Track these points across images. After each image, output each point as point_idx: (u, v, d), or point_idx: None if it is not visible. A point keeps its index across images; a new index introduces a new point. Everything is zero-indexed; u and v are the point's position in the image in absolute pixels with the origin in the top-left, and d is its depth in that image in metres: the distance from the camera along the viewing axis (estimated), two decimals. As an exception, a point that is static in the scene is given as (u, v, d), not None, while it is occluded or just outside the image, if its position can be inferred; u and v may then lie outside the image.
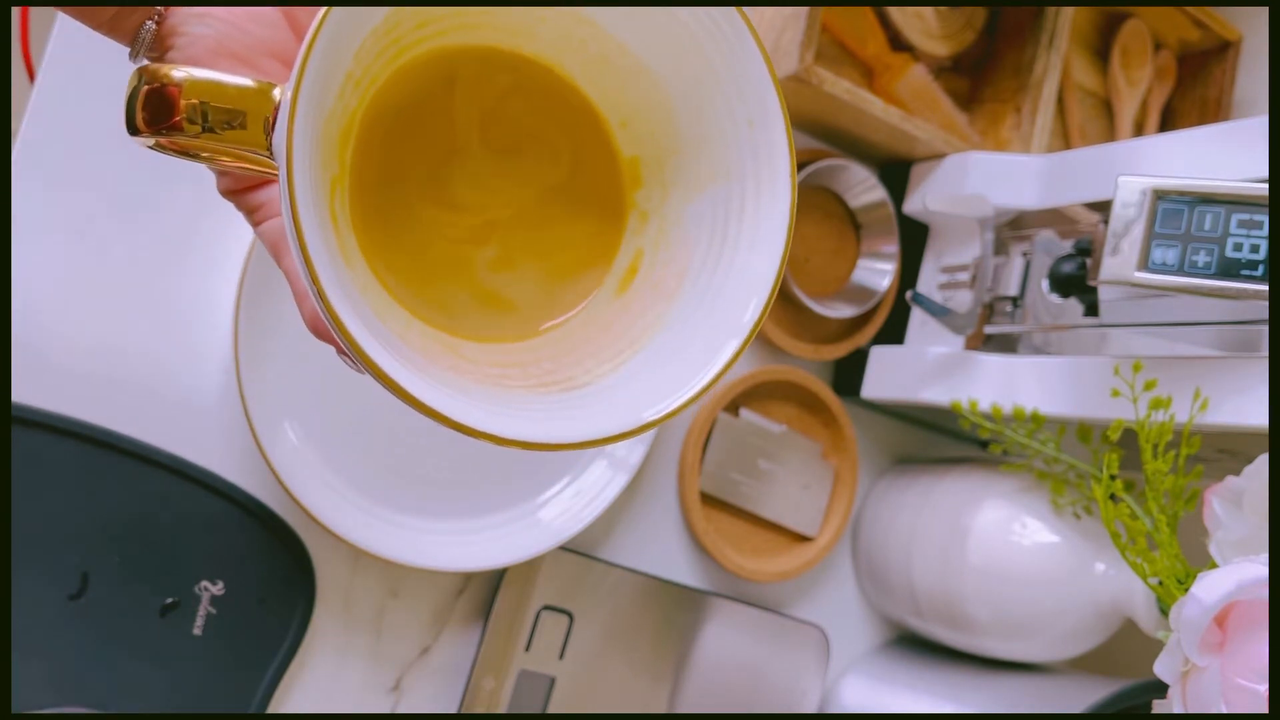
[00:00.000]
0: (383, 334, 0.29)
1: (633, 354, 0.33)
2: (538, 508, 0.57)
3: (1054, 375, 0.55)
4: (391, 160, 0.32)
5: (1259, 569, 0.38)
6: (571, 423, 0.30)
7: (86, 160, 0.50)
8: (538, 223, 0.34)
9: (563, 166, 0.34)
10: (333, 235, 0.30)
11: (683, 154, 0.33)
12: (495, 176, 0.33)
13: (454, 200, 0.33)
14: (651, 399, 0.30)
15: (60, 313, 0.49)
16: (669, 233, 0.34)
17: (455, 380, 0.30)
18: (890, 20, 0.65)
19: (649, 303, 0.34)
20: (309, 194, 0.26)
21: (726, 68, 0.31)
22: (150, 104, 0.27)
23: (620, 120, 0.34)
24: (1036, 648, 0.60)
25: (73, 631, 0.47)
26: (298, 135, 0.25)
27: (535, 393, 0.32)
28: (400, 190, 0.32)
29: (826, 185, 0.66)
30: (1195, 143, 0.52)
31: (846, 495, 0.66)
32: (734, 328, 0.31)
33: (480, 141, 0.33)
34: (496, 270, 0.34)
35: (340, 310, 0.26)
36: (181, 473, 0.50)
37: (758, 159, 0.32)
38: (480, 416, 0.28)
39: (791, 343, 0.65)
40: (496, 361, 0.33)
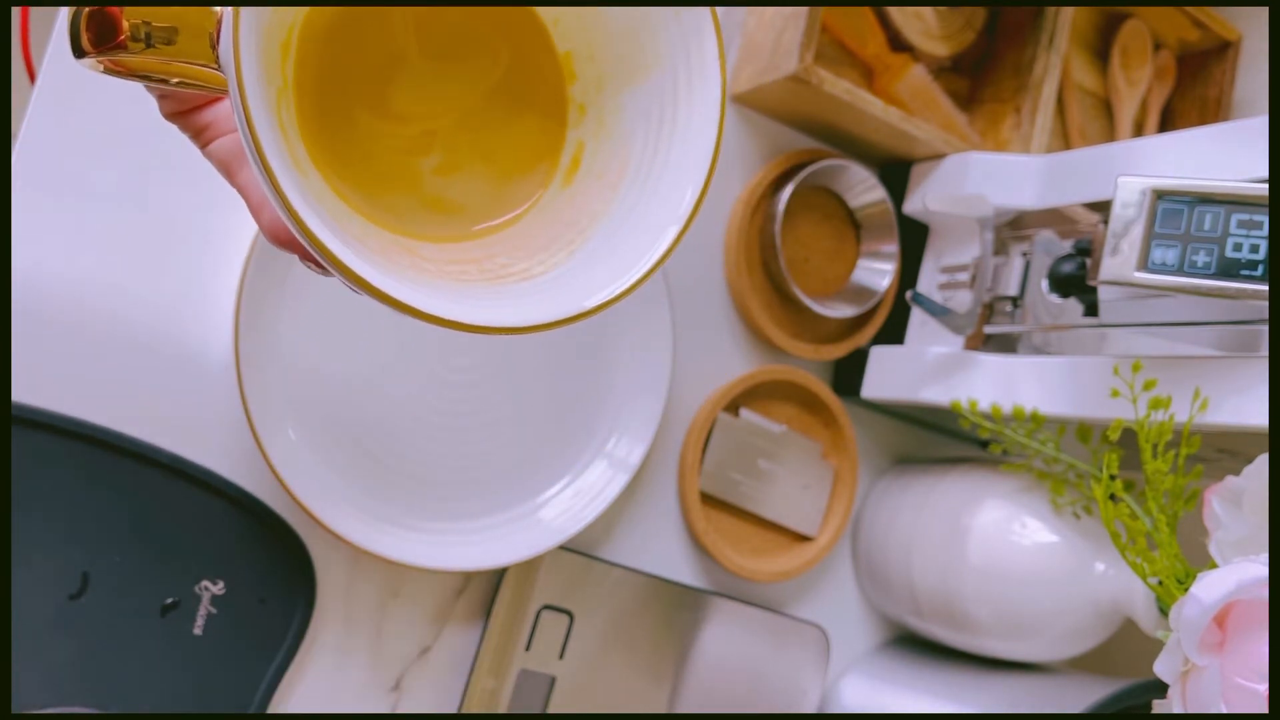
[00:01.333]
0: (343, 237, 0.30)
1: (581, 244, 0.34)
2: (538, 507, 0.57)
3: (1054, 375, 0.55)
4: (331, 71, 0.33)
5: (1259, 569, 0.38)
6: (525, 309, 0.31)
7: (87, 160, 0.50)
8: (479, 125, 0.35)
9: (499, 67, 0.35)
10: (284, 146, 0.30)
11: (613, 46, 0.34)
12: (434, 83, 0.34)
13: (395, 110, 0.34)
14: (597, 286, 0.31)
15: (60, 312, 0.49)
16: (607, 124, 0.35)
17: (416, 278, 0.31)
18: (890, 20, 0.65)
19: (594, 194, 0.35)
20: (260, 101, 0.27)
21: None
22: (94, 25, 0.28)
23: (552, 17, 0.35)
24: (1036, 647, 0.60)
25: (73, 631, 0.47)
26: (243, 43, 0.26)
27: (492, 285, 0.33)
28: (342, 101, 0.33)
29: (826, 185, 0.66)
30: (1195, 143, 0.52)
31: (846, 495, 0.66)
32: (673, 215, 0.33)
33: (417, 47, 0.34)
34: (442, 175, 0.35)
35: (302, 211, 0.26)
36: (182, 472, 0.50)
37: (687, 47, 0.33)
38: (442, 305, 0.29)
39: (791, 343, 0.65)
40: (453, 259, 0.34)
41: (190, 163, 0.51)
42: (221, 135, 0.33)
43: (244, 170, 0.32)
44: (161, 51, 0.28)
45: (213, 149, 0.33)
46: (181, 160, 0.51)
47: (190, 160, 0.51)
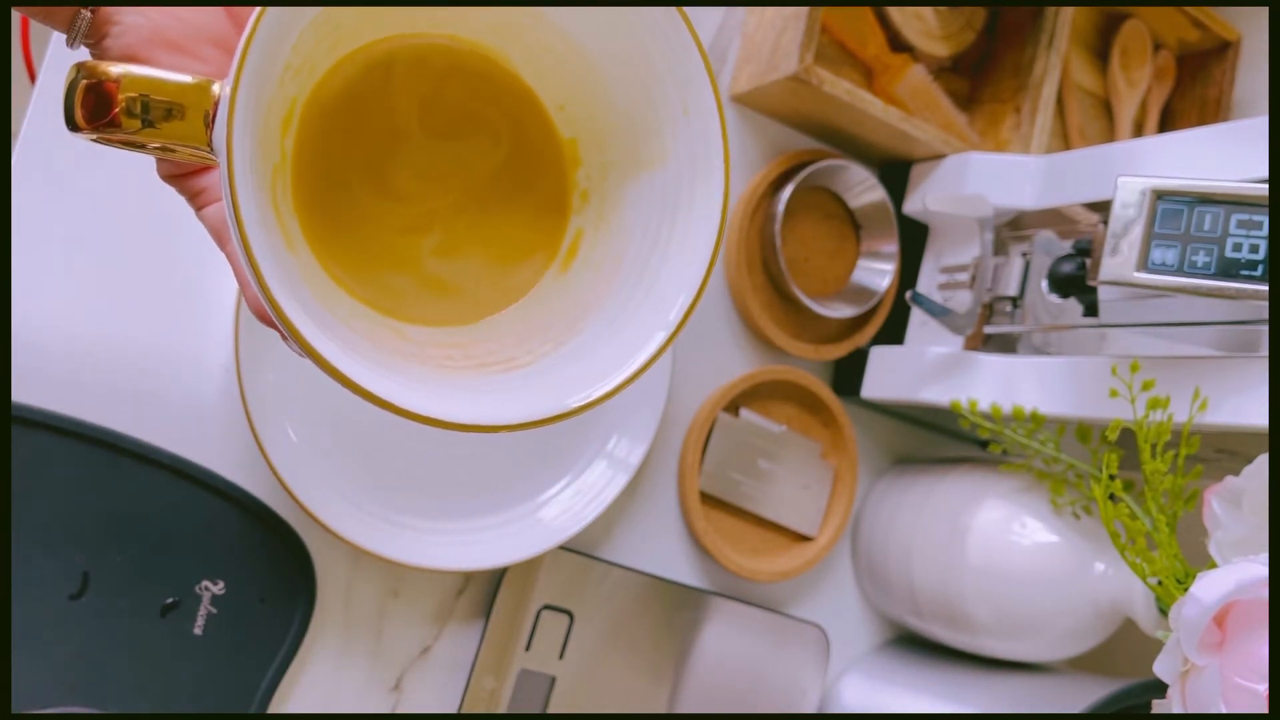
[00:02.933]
0: (325, 320, 0.29)
1: (570, 338, 0.33)
2: (538, 507, 0.57)
3: (1053, 375, 0.55)
4: (332, 148, 0.32)
5: (1258, 569, 0.38)
6: (503, 405, 0.30)
7: (87, 161, 0.50)
8: (480, 207, 0.34)
9: (502, 149, 0.35)
10: (275, 224, 0.30)
11: (620, 137, 0.34)
12: (436, 163, 0.34)
13: (395, 189, 0.33)
14: (579, 385, 0.31)
15: (61, 313, 0.49)
16: (608, 214, 0.35)
17: (398, 364, 0.31)
18: (890, 21, 0.65)
19: (588, 286, 0.34)
20: (250, 188, 0.26)
21: (663, 58, 0.31)
22: (89, 99, 0.28)
23: (558, 104, 0.34)
24: (1036, 647, 0.60)
25: (73, 631, 0.47)
26: (237, 131, 0.26)
27: (478, 374, 0.32)
28: (342, 179, 0.33)
29: (826, 185, 0.66)
30: (1195, 143, 0.52)
31: (846, 495, 0.66)
32: (662, 321, 0.32)
33: (420, 127, 0.33)
34: (441, 256, 0.34)
35: (280, 298, 0.26)
36: (182, 472, 0.50)
37: (693, 148, 0.32)
38: (416, 399, 0.29)
39: (791, 343, 0.65)
40: (440, 343, 0.33)
41: (190, 163, 0.51)
42: (216, 201, 0.32)
43: (232, 242, 0.31)
44: (157, 131, 0.28)
45: (206, 214, 0.32)
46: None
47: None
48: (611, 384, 0.31)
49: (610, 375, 0.31)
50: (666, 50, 0.31)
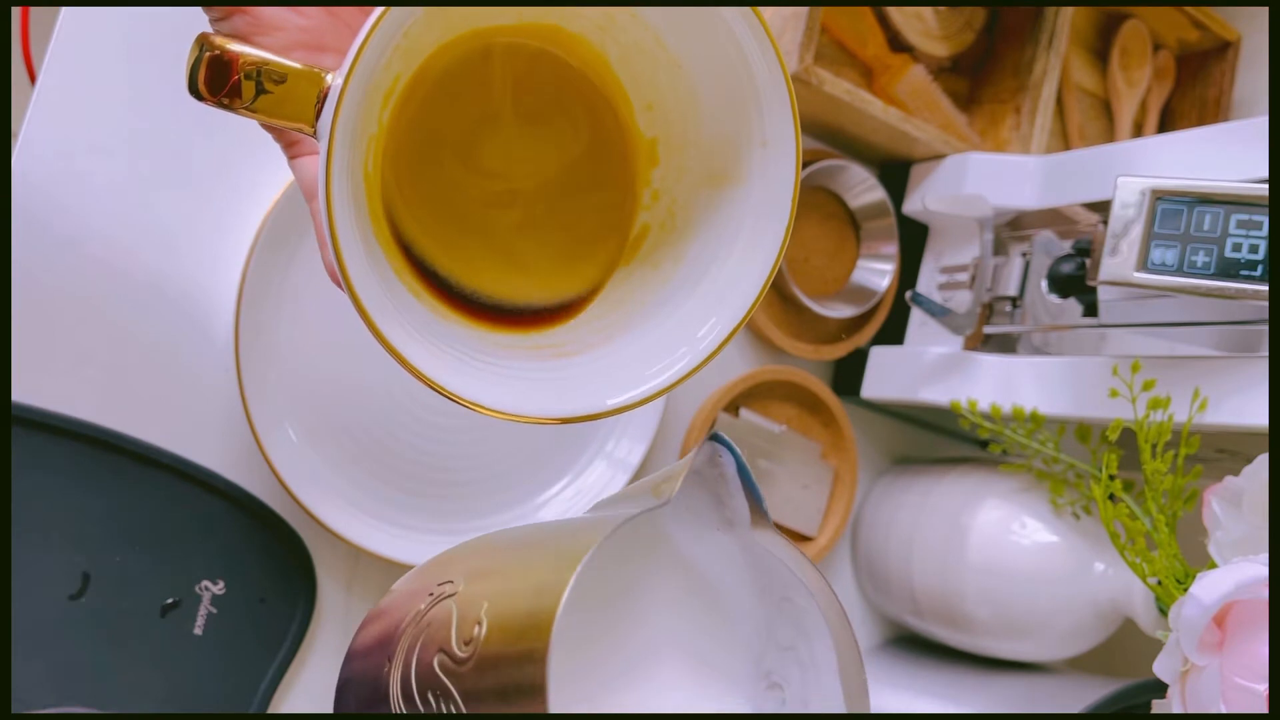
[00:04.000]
0: (394, 288, 0.31)
1: (620, 333, 0.35)
2: (538, 508, 0.57)
3: (1053, 375, 0.55)
4: (428, 123, 0.34)
5: (1258, 569, 0.39)
6: (545, 398, 0.32)
7: (87, 160, 0.50)
8: (558, 194, 0.36)
9: (583, 140, 0.36)
10: (363, 198, 0.32)
11: (701, 147, 0.35)
12: (522, 147, 0.35)
13: (483, 166, 0.35)
14: (622, 385, 0.32)
15: (60, 313, 0.49)
16: (677, 215, 0.36)
17: (448, 337, 0.32)
18: (890, 21, 0.65)
19: (645, 282, 0.36)
20: (344, 169, 0.28)
21: (753, 89, 0.32)
22: (211, 71, 0.30)
23: (646, 103, 0.36)
24: (1036, 647, 0.60)
25: (73, 631, 0.47)
26: (341, 120, 0.28)
27: (531, 358, 0.34)
28: (434, 152, 0.34)
29: (826, 185, 0.66)
30: (1194, 143, 0.52)
31: (846, 495, 0.66)
32: (711, 329, 0.34)
33: (512, 110, 0.35)
34: (517, 233, 0.36)
35: (354, 274, 0.28)
36: (182, 472, 0.50)
37: (765, 177, 0.33)
38: (461, 381, 0.30)
39: (791, 343, 0.65)
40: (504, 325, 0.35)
41: (190, 164, 0.52)
42: (309, 154, 0.34)
43: (318, 199, 0.33)
44: (267, 107, 0.30)
45: (298, 165, 0.34)
46: (181, 162, 0.51)
47: (189, 162, 0.51)
48: (653, 386, 0.32)
49: (653, 378, 0.33)
50: (755, 72, 0.32)
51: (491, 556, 0.38)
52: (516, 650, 0.31)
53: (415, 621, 0.36)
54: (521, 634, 0.31)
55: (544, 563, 0.34)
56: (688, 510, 0.37)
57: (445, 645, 0.34)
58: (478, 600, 0.34)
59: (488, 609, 0.33)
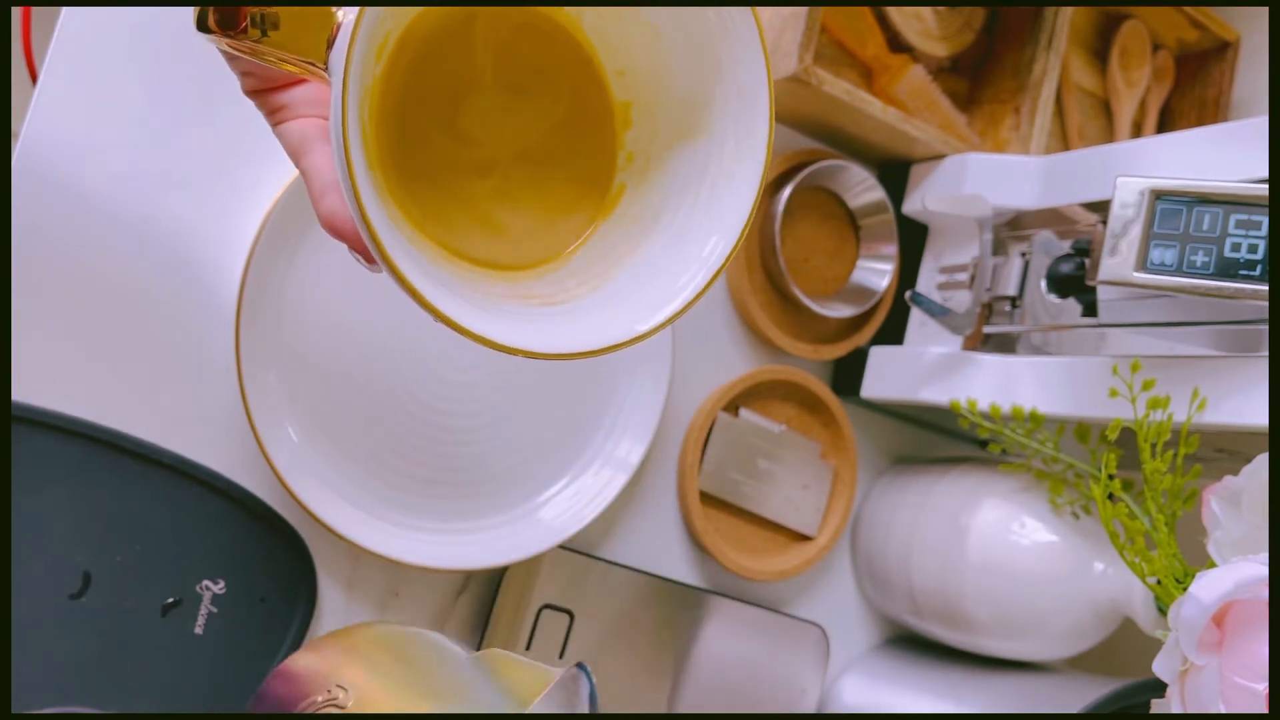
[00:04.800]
0: (398, 236, 0.32)
1: (603, 283, 0.36)
2: (538, 507, 0.57)
3: (1052, 375, 0.55)
4: (414, 83, 0.35)
5: (1257, 568, 0.39)
6: (545, 336, 0.32)
7: (88, 161, 0.50)
8: (536, 160, 0.37)
9: (561, 106, 0.37)
10: (363, 148, 0.32)
11: (673, 107, 0.36)
12: (501, 113, 0.36)
13: (464, 133, 0.36)
14: (618, 324, 0.33)
15: (60, 312, 0.49)
16: (651, 173, 0.37)
17: (453, 284, 0.33)
18: (889, 21, 0.65)
19: (623, 236, 0.37)
20: (356, 109, 0.29)
21: (727, 47, 0.34)
22: (221, 8, 0.31)
23: (618, 68, 0.37)
24: (1035, 647, 0.60)
25: (74, 631, 0.47)
26: (355, 56, 0.28)
27: (521, 304, 0.35)
28: (417, 115, 0.35)
29: (826, 185, 0.66)
30: (1194, 143, 0.52)
31: (846, 495, 0.66)
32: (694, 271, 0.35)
33: (492, 77, 0.36)
34: (497, 200, 0.37)
35: (370, 210, 0.29)
36: (183, 472, 0.50)
37: (739, 128, 0.34)
38: (476, 320, 0.31)
39: (791, 343, 0.65)
40: (489, 277, 0.36)
41: (190, 165, 0.52)
42: (296, 118, 0.34)
43: (310, 155, 0.33)
44: (277, 44, 0.31)
45: (285, 129, 0.34)
46: (181, 162, 0.51)
47: (190, 162, 0.51)
48: (646, 326, 0.33)
49: (641, 320, 0.34)
50: (731, 42, 0.33)
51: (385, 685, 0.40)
52: None
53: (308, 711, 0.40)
54: None
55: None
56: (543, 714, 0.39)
57: None
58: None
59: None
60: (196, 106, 0.51)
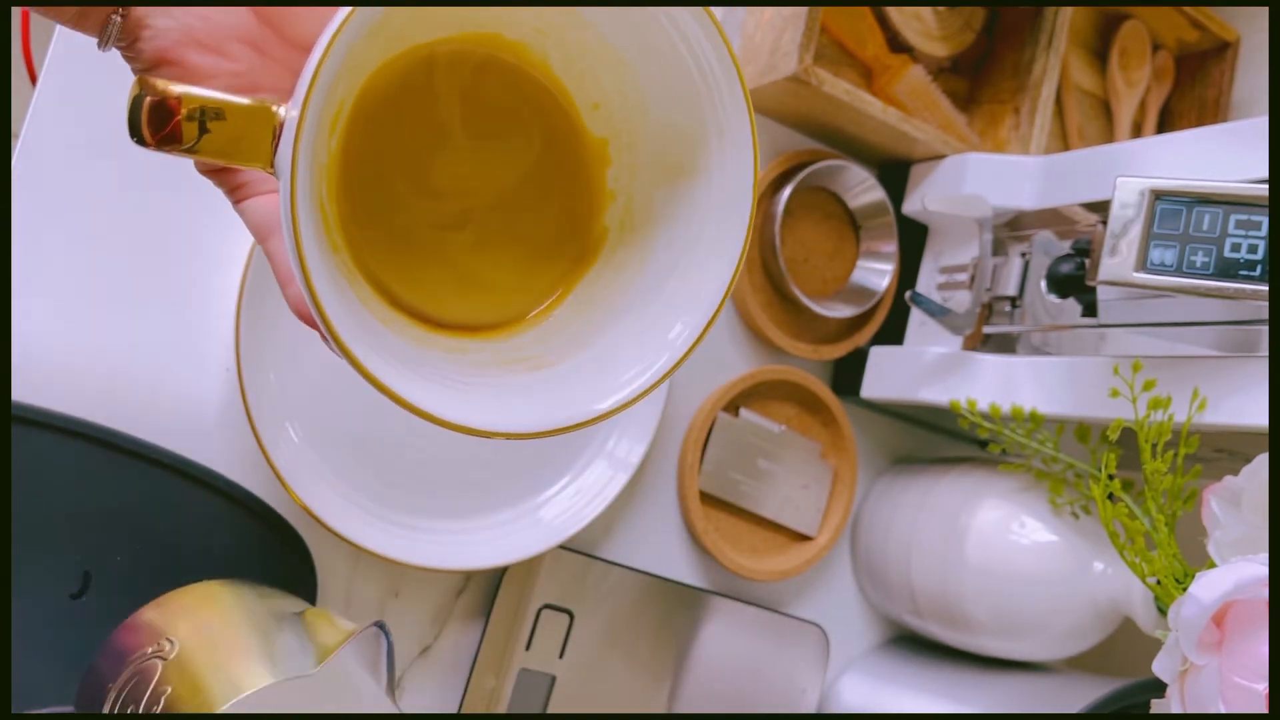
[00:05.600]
0: (366, 320, 0.30)
1: (596, 339, 0.34)
2: (538, 507, 0.57)
3: (1052, 375, 0.55)
4: (376, 145, 0.33)
5: (1257, 568, 0.39)
6: (528, 411, 0.31)
7: (87, 162, 0.50)
8: (513, 206, 0.35)
9: (534, 148, 0.35)
10: (321, 228, 0.31)
11: (653, 142, 0.34)
12: (472, 162, 0.35)
13: (432, 187, 0.34)
14: (607, 389, 0.32)
15: (61, 312, 0.49)
16: (636, 215, 0.35)
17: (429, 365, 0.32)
18: (889, 21, 0.65)
19: (611, 287, 0.35)
20: (306, 204, 0.27)
21: (702, 78, 0.32)
22: (154, 116, 0.29)
23: (593, 103, 0.35)
24: (1035, 647, 0.60)
25: (74, 631, 0.47)
26: (302, 155, 0.26)
27: (502, 372, 0.33)
28: (383, 175, 0.33)
29: (825, 185, 0.66)
30: (1193, 143, 0.52)
31: (846, 495, 0.66)
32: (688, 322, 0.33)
33: (460, 125, 0.34)
34: (474, 254, 0.35)
35: (326, 303, 0.27)
36: (183, 472, 0.50)
37: (724, 167, 0.33)
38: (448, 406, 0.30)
39: (791, 343, 0.65)
40: (471, 345, 0.35)
41: (189, 165, 0.51)
42: (255, 195, 0.33)
43: (274, 238, 0.32)
44: (218, 148, 0.29)
45: (246, 208, 0.33)
46: (181, 162, 0.51)
47: (189, 163, 0.51)
48: (635, 389, 0.32)
49: (634, 379, 0.32)
50: (703, 64, 0.31)
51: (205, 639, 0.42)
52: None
53: (138, 659, 0.41)
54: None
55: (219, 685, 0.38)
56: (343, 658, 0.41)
57: (138, 702, 0.39)
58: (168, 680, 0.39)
59: (169, 696, 0.38)
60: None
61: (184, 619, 0.43)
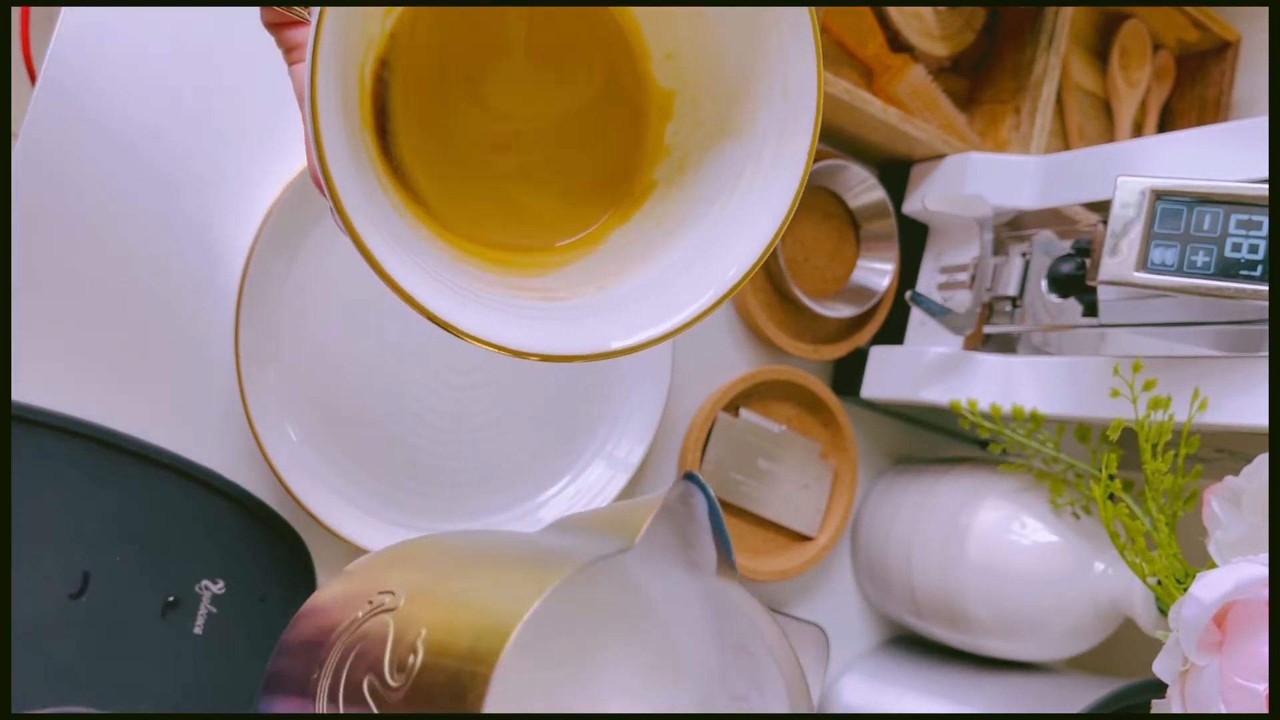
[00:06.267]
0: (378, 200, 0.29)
1: (611, 283, 0.33)
2: (538, 508, 0.57)
3: (1053, 375, 0.55)
4: (435, 41, 0.32)
5: (1258, 569, 0.39)
6: (539, 334, 0.30)
7: (87, 160, 0.50)
8: (562, 140, 0.34)
9: (595, 84, 0.34)
10: (355, 101, 0.30)
11: (719, 100, 0.33)
12: (531, 84, 0.33)
13: (489, 100, 0.33)
14: (623, 330, 0.31)
15: (60, 312, 0.49)
16: (686, 171, 0.34)
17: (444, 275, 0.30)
18: (890, 21, 0.65)
19: (646, 238, 0.34)
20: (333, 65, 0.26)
21: (779, 39, 0.31)
22: None
23: (666, 52, 0.34)
24: (1036, 647, 0.60)
25: (73, 631, 0.47)
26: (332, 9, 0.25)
27: (514, 296, 0.32)
28: (438, 77, 0.32)
29: (826, 185, 0.66)
30: (1194, 143, 0.52)
31: (846, 495, 0.66)
32: (714, 282, 0.31)
33: (524, 43, 0.33)
34: (518, 179, 0.34)
35: (336, 174, 0.26)
36: (182, 472, 0.50)
37: (783, 129, 0.32)
38: (450, 308, 0.28)
39: (791, 343, 0.65)
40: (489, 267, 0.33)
41: (190, 165, 0.52)
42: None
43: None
44: None
45: (296, 70, 0.33)
46: (181, 162, 0.51)
47: (189, 162, 0.51)
48: (656, 332, 0.31)
49: (654, 326, 0.31)
50: (787, 33, 0.30)
51: (439, 571, 0.35)
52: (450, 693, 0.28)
53: (350, 630, 0.34)
54: (457, 678, 0.28)
55: (491, 599, 0.31)
56: (653, 547, 0.34)
57: (377, 667, 0.32)
58: (416, 624, 0.32)
59: (426, 638, 0.31)
60: (195, 106, 0.51)
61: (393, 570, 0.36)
